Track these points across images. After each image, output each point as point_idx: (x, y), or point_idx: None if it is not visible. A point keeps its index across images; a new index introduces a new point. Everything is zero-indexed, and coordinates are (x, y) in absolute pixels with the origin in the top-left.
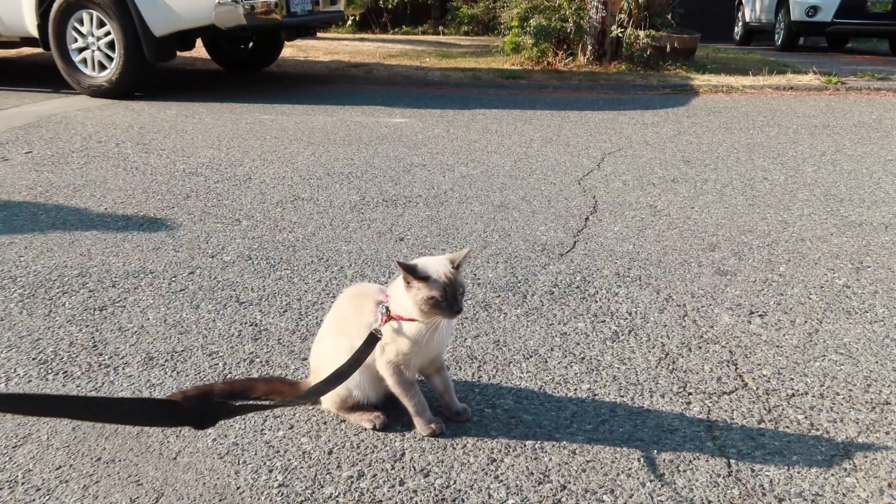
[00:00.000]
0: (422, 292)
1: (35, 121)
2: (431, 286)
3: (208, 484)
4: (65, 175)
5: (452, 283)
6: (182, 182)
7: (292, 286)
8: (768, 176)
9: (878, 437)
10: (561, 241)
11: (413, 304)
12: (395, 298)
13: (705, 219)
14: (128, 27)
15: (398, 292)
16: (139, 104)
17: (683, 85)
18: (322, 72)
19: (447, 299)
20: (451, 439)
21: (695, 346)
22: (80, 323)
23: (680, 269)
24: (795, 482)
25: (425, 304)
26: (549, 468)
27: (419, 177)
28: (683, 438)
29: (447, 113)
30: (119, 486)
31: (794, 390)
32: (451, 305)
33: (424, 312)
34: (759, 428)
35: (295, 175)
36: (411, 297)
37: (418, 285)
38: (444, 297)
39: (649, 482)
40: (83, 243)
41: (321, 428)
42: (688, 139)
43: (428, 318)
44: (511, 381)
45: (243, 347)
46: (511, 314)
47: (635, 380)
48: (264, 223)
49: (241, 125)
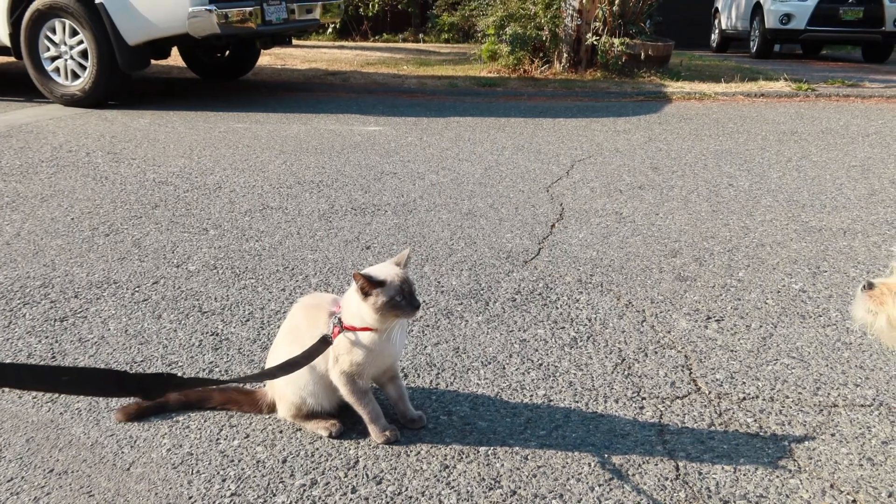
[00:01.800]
0: (381, 297)
1: (5, 130)
2: (388, 289)
3: (160, 494)
4: (33, 185)
5: (406, 281)
6: (151, 191)
7: (256, 295)
8: (734, 182)
9: (823, 440)
10: (526, 249)
11: (373, 312)
12: (348, 310)
13: (669, 225)
14: (101, 36)
15: (352, 303)
16: (112, 113)
17: (657, 92)
18: (298, 80)
19: (405, 297)
20: (405, 446)
21: (651, 351)
22: (39, 334)
23: (641, 275)
24: (741, 484)
25: (386, 307)
26: (501, 474)
27: (389, 185)
28: (634, 443)
29: (421, 121)
30: (71, 497)
31: (746, 394)
32: (411, 302)
33: (385, 316)
34: (709, 431)
35: (265, 184)
36: (371, 306)
37: (376, 291)
38: (402, 297)
39: (598, 486)
40: (47, 254)
41: (276, 437)
42: (658, 146)
43: (387, 322)
44: (468, 388)
45: (203, 357)
46: (472, 321)
47: (591, 385)
48: (231, 232)
49: (214, 134)
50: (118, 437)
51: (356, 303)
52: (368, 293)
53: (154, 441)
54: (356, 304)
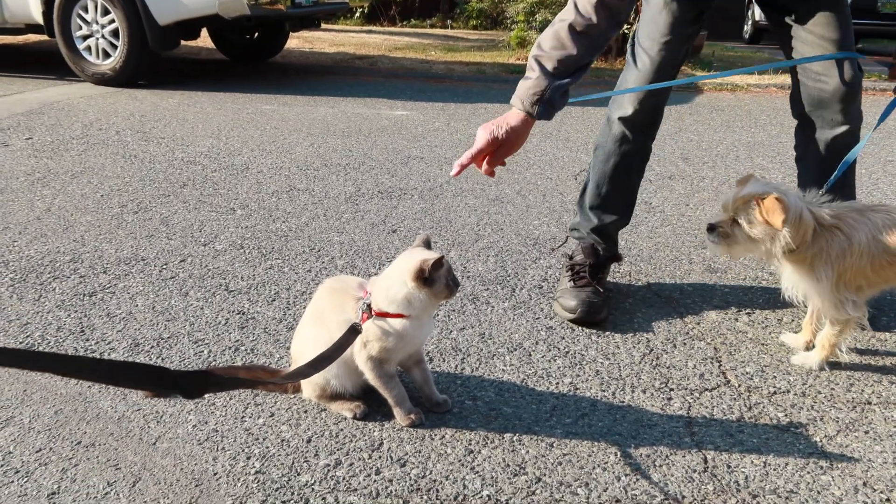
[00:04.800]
0: (441, 280)
1: (37, 107)
2: (445, 271)
3: (185, 469)
4: (63, 161)
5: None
6: (180, 170)
7: (282, 276)
8: (766, 174)
9: (856, 437)
10: (553, 236)
11: (434, 297)
12: (382, 295)
13: (699, 216)
14: (132, 15)
15: (387, 288)
16: (142, 92)
17: (688, 82)
18: (326, 63)
19: (453, 278)
20: (429, 430)
21: (680, 342)
22: (68, 308)
23: (671, 265)
24: (771, 479)
25: (446, 290)
26: (526, 460)
27: (416, 169)
28: (662, 434)
29: (449, 106)
30: (97, 469)
31: (776, 388)
32: (457, 282)
33: (439, 299)
34: (738, 425)
35: (292, 165)
36: (433, 291)
37: (437, 275)
38: (452, 279)
39: (624, 476)
40: (77, 229)
41: (301, 416)
42: (688, 136)
43: (435, 306)
44: (494, 374)
45: (229, 335)
46: (498, 307)
47: (618, 375)
48: (258, 213)
49: (242, 115)
50: (144, 412)
51: (402, 289)
52: (432, 281)
53: (180, 417)
54: (401, 290)
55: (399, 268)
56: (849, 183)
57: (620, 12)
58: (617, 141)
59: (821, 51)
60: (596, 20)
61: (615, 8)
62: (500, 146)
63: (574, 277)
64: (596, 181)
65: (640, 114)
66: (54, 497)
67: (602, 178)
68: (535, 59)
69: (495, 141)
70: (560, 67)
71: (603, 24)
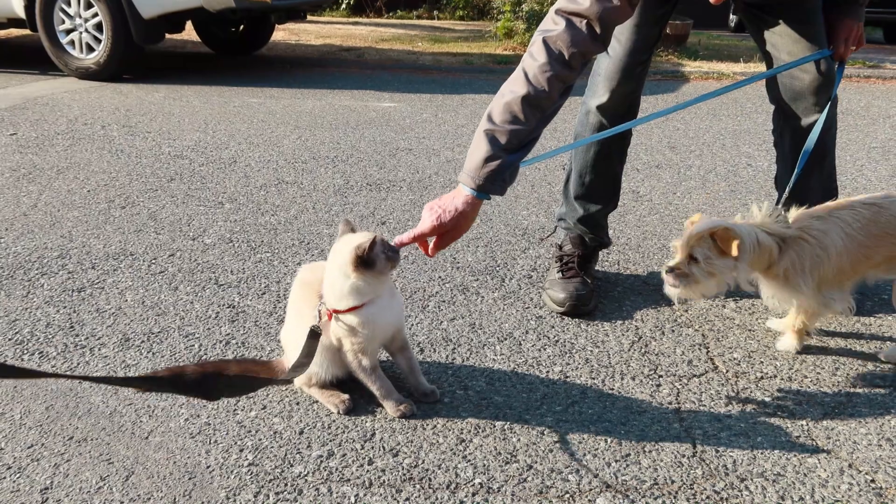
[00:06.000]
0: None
1: (21, 102)
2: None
3: (178, 463)
4: (49, 157)
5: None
6: (167, 165)
7: (272, 269)
8: (752, 162)
9: (842, 419)
10: (542, 226)
11: (376, 277)
12: (330, 294)
13: (686, 204)
14: (115, 9)
15: (331, 286)
16: (127, 86)
17: (674, 71)
18: (313, 55)
19: (389, 247)
20: (421, 420)
21: (668, 329)
22: (57, 304)
23: (658, 253)
24: (758, 462)
25: (389, 262)
26: (517, 448)
27: (404, 161)
28: (651, 420)
29: (436, 97)
30: (90, 464)
31: (763, 373)
32: (394, 250)
33: (385, 274)
34: (726, 410)
35: (280, 158)
36: (375, 271)
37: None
38: (388, 248)
39: (615, 462)
40: (64, 225)
41: (293, 409)
42: (675, 125)
43: (383, 283)
44: (484, 364)
45: (220, 329)
46: (488, 297)
47: (607, 362)
48: (247, 206)
49: (228, 108)
50: (136, 406)
51: (341, 284)
52: (373, 262)
53: (172, 411)
54: (345, 283)
55: (336, 262)
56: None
57: (570, 81)
58: (595, 131)
59: (795, 44)
60: (549, 91)
61: (567, 79)
62: (446, 232)
63: (563, 269)
64: (578, 171)
65: (615, 101)
66: (47, 492)
67: (584, 167)
68: (485, 133)
69: (441, 226)
70: (514, 141)
71: (555, 94)
